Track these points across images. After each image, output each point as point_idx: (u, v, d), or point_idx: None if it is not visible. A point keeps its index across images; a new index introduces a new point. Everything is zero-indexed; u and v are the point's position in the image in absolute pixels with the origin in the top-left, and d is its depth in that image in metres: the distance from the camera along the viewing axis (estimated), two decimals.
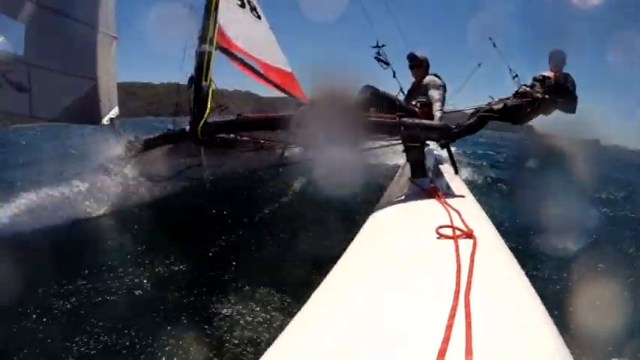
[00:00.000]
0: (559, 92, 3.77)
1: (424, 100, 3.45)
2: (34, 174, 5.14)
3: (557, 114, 3.96)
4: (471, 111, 4.00)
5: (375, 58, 3.96)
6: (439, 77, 3.52)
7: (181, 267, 3.38)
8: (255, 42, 5.50)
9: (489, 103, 4.00)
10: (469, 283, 1.14)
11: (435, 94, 3.32)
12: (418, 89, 3.57)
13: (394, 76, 4.01)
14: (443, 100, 3.32)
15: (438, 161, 4.16)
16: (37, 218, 4.05)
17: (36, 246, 3.44)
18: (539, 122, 4.12)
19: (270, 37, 6.17)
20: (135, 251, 3.59)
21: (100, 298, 2.88)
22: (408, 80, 3.98)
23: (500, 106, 3.85)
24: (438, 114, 3.20)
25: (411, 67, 3.67)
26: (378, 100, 3.30)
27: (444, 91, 3.45)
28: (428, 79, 3.49)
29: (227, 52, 4.81)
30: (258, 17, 5.90)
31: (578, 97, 3.83)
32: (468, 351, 0.82)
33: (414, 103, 3.50)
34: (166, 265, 3.37)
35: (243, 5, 5.49)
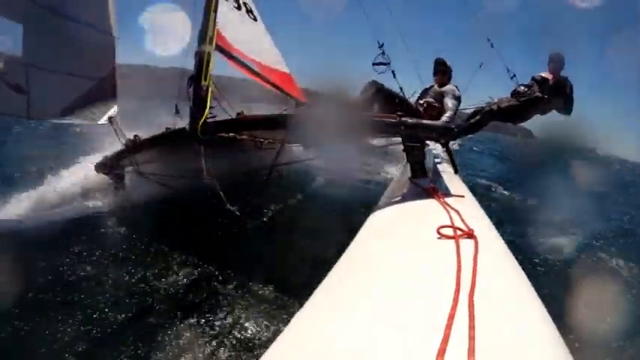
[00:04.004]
0: (557, 94, 3.80)
1: (431, 101, 3.45)
2: (33, 170, 5.14)
3: (554, 117, 3.99)
4: (471, 111, 4.00)
5: (374, 63, 3.94)
6: (458, 89, 3.55)
7: (181, 267, 3.37)
8: (252, 44, 5.52)
9: (489, 103, 4.00)
10: (473, 283, 1.14)
11: (449, 103, 3.36)
12: (434, 93, 3.58)
13: (394, 77, 4.00)
14: (455, 112, 3.34)
15: (438, 161, 4.16)
16: (36, 216, 4.05)
17: (34, 244, 3.43)
18: (538, 127, 4.15)
19: (267, 38, 6.19)
20: (134, 251, 3.59)
21: (98, 298, 2.88)
22: (406, 81, 3.99)
23: (501, 106, 3.86)
24: (445, 119, 3.20)
25: (436, 72, 3.69)
26: (381, 97, 3.28)
27: (459, 103, 3.48)
28: (448, 87, 3.53)
29: (225, 52, 4.82)
30: (255, 19, 5.91)
31: (574, 100, 3.87)
32: (471, 351, 0.82)
33: (421, 102, 3.50)
34: (165, 265, 3.37)
35: (239, 7, 5.50)
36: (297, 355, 0.99)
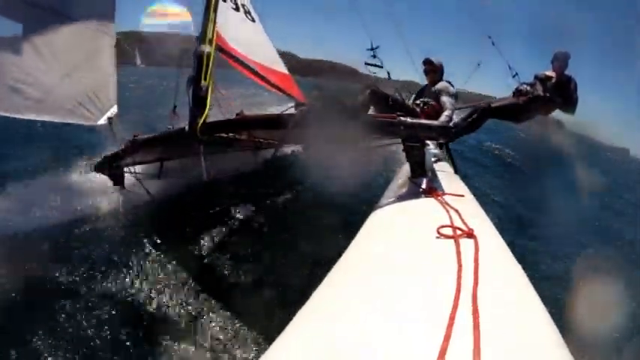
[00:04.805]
0: (560, 93, 3.76)
1: (427, 100, 3.43)
2: (30, 171, 5.11)
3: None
4: (470, 110, 3.99)
5: (366, 63, 3.93)
6: (452, 85, 3.52)
7: (180, 267, 3.37)
8: (252, 45, 5.53)
9: (488, 102, 3.99)
10: (475, 283, 1.15)
11: (446, 101, 3.31)
12: (429, 92, 3.55)
13: (389, 78, 3.99)
14: (453, 110, 3.31)
15: (438, 160, 4.16)
16: (35, 217, 4.03)
17: (32, 245, 3.42)
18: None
19: (265, 39, 6.20)
20: (133, 251, 3.58)
21: (98, 298, 2.87)
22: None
23: (498, 104, 3.84)
24: (444, 118, 3.17)
25: (426, 72, 3.67)
26: (377, 99, 3.28)
27: (455, 99, 3.44)
28: (441, 84, 3.48)
29: (225, 52, 4.82)
30: (253, 20, 5.91)
31: (578, 99, 3.83)
32: (476, 351, 0.82)
33: (418, 102, 3.48)
34: (165, 266, 3.36)
35: (237, 9, 5.50)
36: (297, 355, 0.99)
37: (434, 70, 3.62)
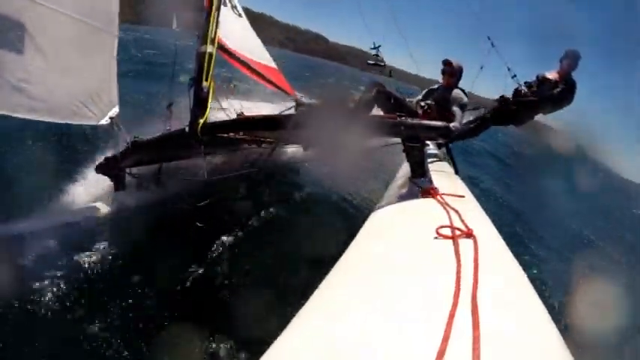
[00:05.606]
0: (556, 96, 3.70)
1: (432, 103, 3.40)
2: (27, 171, 5.11)
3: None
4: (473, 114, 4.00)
5: (368, 63, 3.91)
6: (465, 94, 3.47)
7: (180, 268, 3.37)
8: (242, 40, 5.55)
9: (489, 110, 3.98)
10: (475, 283, 1.15)
11: (457, 111, 3.26)
12: (439, 95, 3.50)
13: (390, 76, 3.98)
14: (461, 122, 3.25)
15: (438, 161, 4.17)
16: (33, 219, 4.03)
17: (28, 248, 3.41)
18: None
19: (252, 34, 6.22)
20: (133, 252, 3.58)
21: (98, 299, 2.88)
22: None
23: (497, 109, 3.82)
24: (451, 127, 3.14)
25: (444, 72, 3.61)
26: (383, 98, 3.26)
27: (464, 110, 3.39)
28: (456, 92, 3.42)
29: (225, 50, 4.83)
30: (239, 15, 5.93)
31: (569, 102, 3.80)
32: (476, 350, 0.83)
33: (422, 104, 3.44)
34: (164, 267, 3.36)
35: (224, 3, 5.50)
36: (298, 354, 1.00)
37: (451, 73, 3.53)
